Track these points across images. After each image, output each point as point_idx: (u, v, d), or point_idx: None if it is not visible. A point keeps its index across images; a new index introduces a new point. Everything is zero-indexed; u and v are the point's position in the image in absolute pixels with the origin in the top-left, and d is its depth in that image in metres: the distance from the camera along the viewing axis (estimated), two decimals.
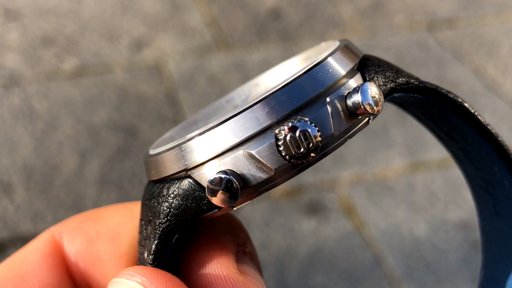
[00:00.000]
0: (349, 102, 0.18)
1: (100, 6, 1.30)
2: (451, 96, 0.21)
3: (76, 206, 0.86)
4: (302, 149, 0.17)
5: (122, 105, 1.05)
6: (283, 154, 0.17)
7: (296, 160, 0.17)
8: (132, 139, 0.98)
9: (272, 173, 0.18)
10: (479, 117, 0.21)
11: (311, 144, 0.17)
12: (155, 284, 0.19)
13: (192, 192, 0.19)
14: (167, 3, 1.33)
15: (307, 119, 0.18)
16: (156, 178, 0.21)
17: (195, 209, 0.19)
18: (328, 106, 0.18)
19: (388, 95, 0.21)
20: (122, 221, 0.25)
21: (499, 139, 0.22)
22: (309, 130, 0.17)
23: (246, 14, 1.32)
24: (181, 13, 1.31)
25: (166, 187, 0.20)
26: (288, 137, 0.17)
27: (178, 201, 0.19)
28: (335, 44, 0.22)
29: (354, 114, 0.19)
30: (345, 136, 0.19)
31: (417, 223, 0.88)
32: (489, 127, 0.22)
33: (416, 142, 1.02)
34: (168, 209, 0.20)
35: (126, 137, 0.98)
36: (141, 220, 0.22)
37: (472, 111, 0.21)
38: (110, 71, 1.12)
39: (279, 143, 0.17)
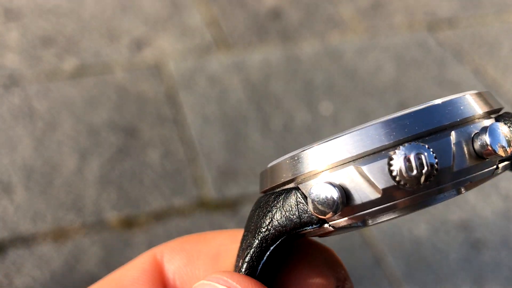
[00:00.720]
0: (476, 141, 0.17)
1: (100, 6, 1.30)
2: None
3: (76, 206, 0.86)
4: (414, 172, 0.16)
5: (122, 105, 1.05)
6: (393, 174, 0.17)
7: (406, 185, 0.17)
8: (132, 139, 0.98)
9: (380, 195, 0.17)
10: None
11: (424, 169, 0.16)
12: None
13: (296, 203, 0.19)
14: (167, 3, 1.33)
15: (426, 145, 0.17)
16: (265, 189, 0.21)
17: (296, 220, 0.19)
18: (451, 137, 0.17)
19: None
20: (225, 242, 0.25)
21: None
22: (426, 153, 0.16)
23: (246, 14, 1.32)
24: (181, 13, 1.31)
25: (272, 197, 0.20)
26: (401, 157, 0.16)
27: (281, 211, 0.19)
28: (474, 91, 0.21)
29: (480, 156, 0.17)
30: (466, 177, 0.18)
31: (418, 223, 0.88)
32: None
33: None
34: (270, 219, 0.20)
35: (126, 137, 0.98)
36: (244, 232, 0.22)
37: None
38: (110, 71, 1.12)
39: (391, 162, 0.17)
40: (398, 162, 0.16)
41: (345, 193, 0.18)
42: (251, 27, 1.28)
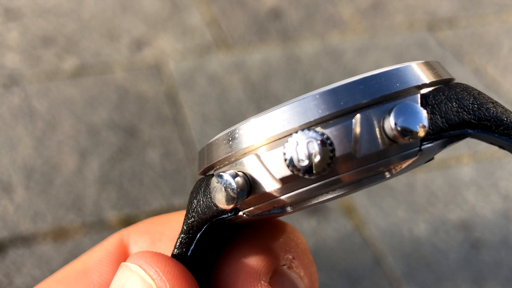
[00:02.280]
0: (385, 122, 0.16)
1: (100, 5, 1.30)
2: None
3: (76, 206, 0.86)
4: (305, 162, 0.15)
5: (122, 105, 1.05)
6: (287, 163, 0.16)
7: (303, 174, 0.16)
8: (132, 138, 0.98)
9: (279, 184, 0.17)
10: None
11: (317, 158, 0.15)
12: (156, 270, 0.19)
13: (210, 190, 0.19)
14: (167, 2, 1.33)
15: (325, 130, 0.16)
16: (199, 170, 0.21)
17: (214, 208, 0.19)
18: (354, 121, 0.16)
19: (458, 128, 0.17)
20: None
21: None
22: (317, 141, 0.15)
23: (246, 13, 1.32)
24: (181, 12, 1.31)
25: (199, 182, 0.20)
26: (293, 146, 0.16)
27: (203, 198, 0.19)
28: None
29: (391, 139, 0.16)
30: (380, 161, 0.16)
31: (417, 223, 0.88)
32: None
33: None
34: (195, 206, 0.19)
35: (126, 136, 0.98)
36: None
37: None
38: (110, 71, 1.12)
39: (284, 150, 0.16)
40: (290, 151, 0.16)
41: (249, 182, 0.17)
42: (251, 27, 1.28)
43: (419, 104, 0.17)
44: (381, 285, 0.80)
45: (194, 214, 0.20)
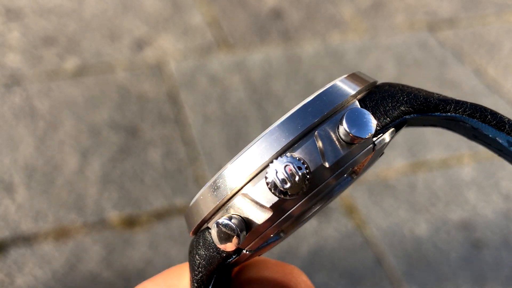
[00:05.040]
0: (340, 130, 0.18)
1: (101, 5, 1.31)
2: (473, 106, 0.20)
3: (78, 206, 0.86)
4: (288, 184, 0.17)
5: (123, 105, 1.05)
6: (272, 191, 0.18)
7: (289, 196, 0.18)
8: (133, 138, 0.98)
9: (271, 212, 0.18)
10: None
11: (296, 178, 0.17)
12: None
13: (211, 241, 0.20)
14: (168, 2, 1.33)
15: (295, 153, 0.18)
16: (191, 231, 0.22)
17: (218, 257, 0.20)
18: (316, 138, 0.18)
19: (398, 118, 0.20)
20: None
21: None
22: (292, 163, 0.17)
23: (247, 13, 1.32)
24: (182, 12, 1.31)
25: (195, 240, 0.21)
26: (273, 174, 0.18)
27: (205, 252, 0.21)
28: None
29: (350, 142, 0.18)
30: (347, 163, 0.19)
31: (418, 223, 0.88)
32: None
33: (417, 142, 1.02)
34: (198, 261, 0.21)
35: (127, 136, 0.98)
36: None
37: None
38: (111, 71, 1.13)
39: (267, 180, 0.18)
40: (272, 179, 0.17)
41: (243, 221, 0.19)
42: (252, 27, 1.28)
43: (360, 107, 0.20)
44: (382, 285, 0.80)
45: (201, 270, 0.21)
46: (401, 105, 0.20)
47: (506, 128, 0.20)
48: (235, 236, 0.18)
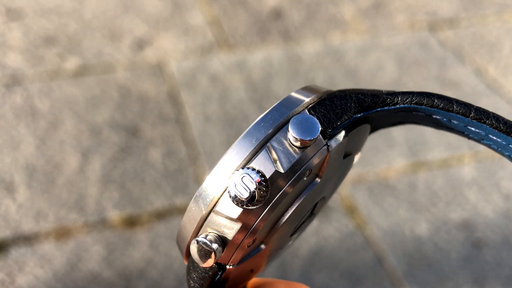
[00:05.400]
0: (290, 137, 0.19)
1: (102, 5, 1.31)
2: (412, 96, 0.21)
3: (78, 205, 0.86)
4: (247, 194, 0.18)
5: (124, 105, 1.05)
6: (235, 203, 0.19)
7: (251, 204, 0.19)
8: (134, 138, 0.98)
9: (241, 223, 0.19)
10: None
11: (253, 186, 0.18)
12: None
13: (197, 263, 0.21)
14: (168, 2, 1.34)
15: (251, 165, 0.19)
16: (184, 257, 0.23)
17: (207, 277, 0.21)
18: (268, 148, 0.19)
19: (348, 118, 0.21)
20: None
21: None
22: (247, 174, 0.19)
23: (248, 13, 1.33)
24: (183, 12, 1.31)
25: (188, 264, 0.23)
26: (232, 187, 0.19)
27: (195, 274, 0.22)
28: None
29: (300, 147, 0.19)
30: (303, 166, 0.19)
31: (419, 223, 0.88)
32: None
33: (417, 142, 1.02)
34: (193, 285, 0.22)
35: (128, 136, 0.98)
36: None
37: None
38: (112, 71, 1.13)
39: (230, 194, 0.19)
40: (232, 192, 0.19)
41: (219, 237, 0.20)
42: (253, 27, 1.28)
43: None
44: (383, 284, 0.80)
45: None
46: (350, 106, 0.21)
47: (454, 108, 0.20)
48: (212, 252, 0.20)
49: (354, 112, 0.21)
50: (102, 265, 0.79)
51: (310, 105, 0.22)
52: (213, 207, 0.20)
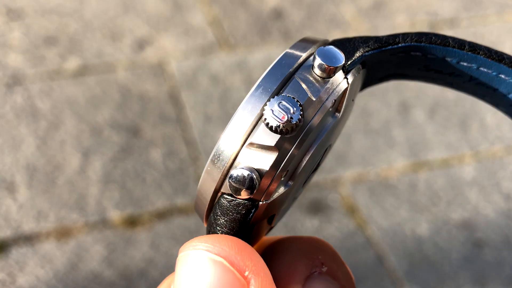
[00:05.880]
0: (315, 68, 0.20)
1: (102, 5, 1.31)
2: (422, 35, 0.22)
3: (79, 205, 0.86)
4: (286, 118, 0.19)
5: (124, 104, 1.05)
6: (273, 130, 0.19)
7: (288, 129, 0.19)
8: (135, 138, 0.98)
9: (277, 151, 0.19)
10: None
11: (291, 110, 0.19)
12: (225, 248, 0.19)
13: (228, 204, 0.21)
14: (169, 2, 1.34)
15: (283, 94, 0.20)
16: (204, 217, 0.23)
17: (238, 217, 0.21)
18: (296, 78, 0.20)
19: (360, 57, 0.22)
20: None
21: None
22: (284, 100, 0.19)
23: (248, 13, 1.33)
24: (183, 12, 1.31)
25: (212, 216, 0.22)
26: (269, 114, 0.19)
27: (223, 219, 0.21)
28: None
29: (326, 77, 0.20)
30: (329, 97, 0.20)
31: (420, 223, 0.88)
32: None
33: (418, 142, 1.02)
34: (221, 231, 0.22)
35: (129, 136, 0.98)
36: None
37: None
38: (112, 71, 1.13)
39: (266, 121, 0.19)
40: (270, 119, 0.19)
41: (255, 170, 0.20)
42: (253, 27, 1.28)
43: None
44: (384, 284, 0.80)
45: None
46: (359, 45, 0.22)
47: (450, 43, 0.21)
48: (248, 180, 0.19)
49: (363, 51, 0.22)
50: (102, 265, 0.79)
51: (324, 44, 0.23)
52: (244, 143, 0.20)
